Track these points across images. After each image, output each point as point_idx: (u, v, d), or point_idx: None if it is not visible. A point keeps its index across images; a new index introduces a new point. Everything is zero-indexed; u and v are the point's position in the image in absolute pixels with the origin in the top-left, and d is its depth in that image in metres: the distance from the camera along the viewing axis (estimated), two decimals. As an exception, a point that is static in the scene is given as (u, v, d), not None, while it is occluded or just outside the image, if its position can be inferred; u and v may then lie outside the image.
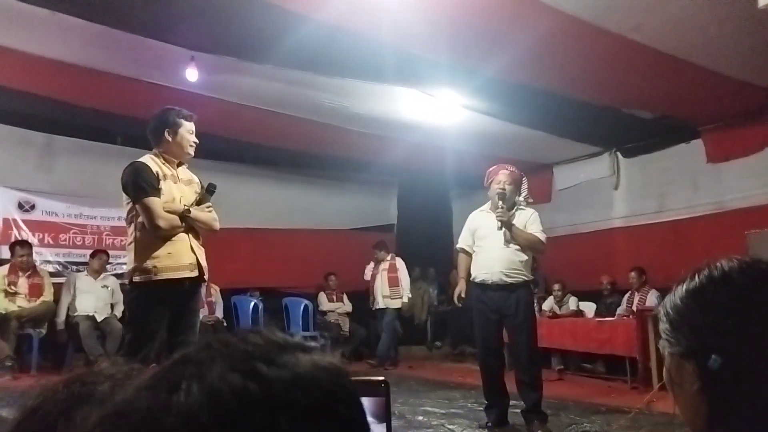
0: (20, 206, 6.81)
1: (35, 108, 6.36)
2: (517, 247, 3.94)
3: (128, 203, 3.01)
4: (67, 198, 7.02)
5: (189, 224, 3.02)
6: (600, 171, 7.59)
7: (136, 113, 6.34)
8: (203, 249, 3.12)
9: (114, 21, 4.41)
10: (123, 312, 6.52)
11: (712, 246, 5.82)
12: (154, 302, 2.91)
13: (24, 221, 6.78)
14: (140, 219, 2.93)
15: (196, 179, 3.21)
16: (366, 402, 0.81)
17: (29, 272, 6.18)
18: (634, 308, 6.32)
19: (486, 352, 4.04)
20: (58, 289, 6.36)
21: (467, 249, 4.17)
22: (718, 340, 0.73)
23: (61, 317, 6.23)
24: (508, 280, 3.91)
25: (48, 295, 6.22)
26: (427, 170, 8.40)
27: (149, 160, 3.03)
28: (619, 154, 7.44)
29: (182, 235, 2.99)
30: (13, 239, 6.49)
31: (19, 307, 5.96)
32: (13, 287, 6.01)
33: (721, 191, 6.34)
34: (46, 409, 0.67)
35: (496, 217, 3.93)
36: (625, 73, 5.09)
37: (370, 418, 0.80)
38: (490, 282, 3.94)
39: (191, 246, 3.02)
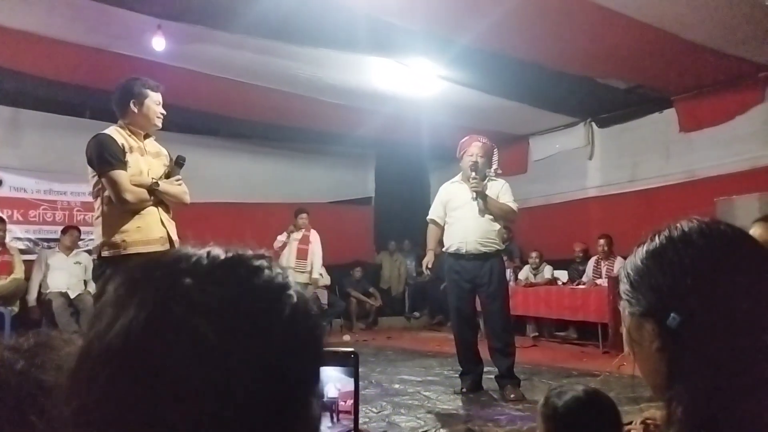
0: (-13, 182, 6.64)
1: (-1, 81, 6.15)
2: (491, 217, 4.01)
3: (94, 176, 2.91)
4: (35, 173, 6.86)
5: (158, 198, 2.94)
6: (575, 141, 7.65)
7: (103, 85, 6.16)
8: (174, 223, 3.07)
9: (76, -12, 4.26)
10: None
11: (682, 214, 5.78)
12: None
13: (-8, 198, 6.63)
14: (107, 193, 2.85)
15: (165, 152, 3.12)
16: (336, 371, 0.82)
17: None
18: (603, 275, 6.45)
19: (460, 321, 4.11)
20: (29, 266, 6.25)
21: (438, 220, 4.22)
22: (677, 298, 0.74)
23: (33, 294, 6.13)
24: (483, 249, 3.98)
25: (19, 273, 6.11)
26: (404, 142, 8.38)
27: (114, 132, 2.93)
28: (593, 124, 7.49)
29: (151, 209, 2.91)
30: (-20, 216, 6.34)
31: (-11, 284, 5.86)
32: (-19, 265, 5.90)
33: (692, 160, 6.44)
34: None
35: (471, 187, 3.98)
36: (599, 42, 5.09)
37: (340, 374, 0.81)
38: (464, 251, 4.00)
39: (161, 219, 2.95)
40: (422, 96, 6.26)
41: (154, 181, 2.92)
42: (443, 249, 4.16)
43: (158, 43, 4.84)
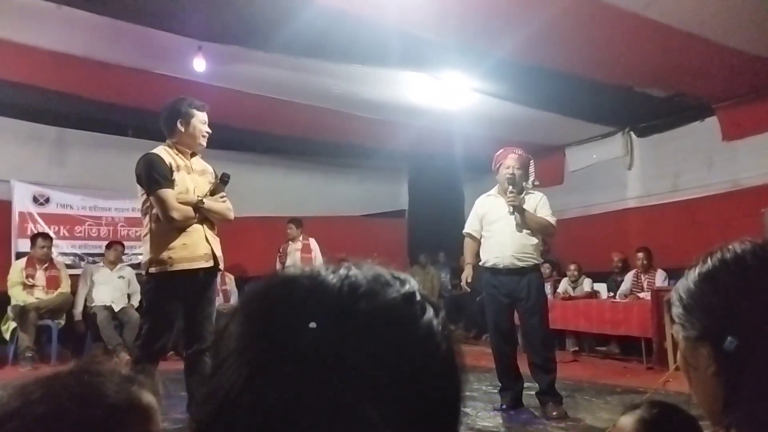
0: (35, 200, 6.89)
1: (45, 102, 6.40)
2: (528, 231, 3.94)
3: (143, 195, 3.03)
4: (80, 191, 7.09)
5: (203, 215, 3.02)
6: (613, 151, 7.51)
7: (145, 104, 6.37)
8: (218, 239, 3.13)
9: (120, 12, 4.41)
10: (140, 302, 6.62)
11: (727, 225, 5.75)
12: (170, 293, 2.93)
13: (39, 214, 6.87)
14: (155, 210, 2.95)
15: (210, 169, 3.21)
16: None
17: (47, 264, 6.26)
18: (645, 288, 6.29)
19: (498, 336, 4.05)
20: (74, 280, 6.45)
21: (474, 234, 4.17)
22: (733, 322, 0.72)
23: (79, 308, 6.32)
24: (519, 264, 3.92)
25: (65, 287, 6.31)
26: (437, 155, 8.36)
27: (162, 151, 3.04)
28: (632, 133, 7.34)
29: (197, 226, 3.00)
30: (29, 233, 6.58)
31: (37, 299, 6.05)
32: (31, 279, 6.10)
33: (736, 169, 6.25)
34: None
35: (508, 201, 3.92)
36: (636, 51, 5.00)
37: None
38: (501, 266, 3.94)
39: (206, 236, 3.03)
40: (455, 109, 6.25)
41: (199, 198, 3.00)
42: (480, 263, 4.11)
43: (199, 64, 4.96)
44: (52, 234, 6.67)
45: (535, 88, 5.78)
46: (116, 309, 6.29)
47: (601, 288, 6.93)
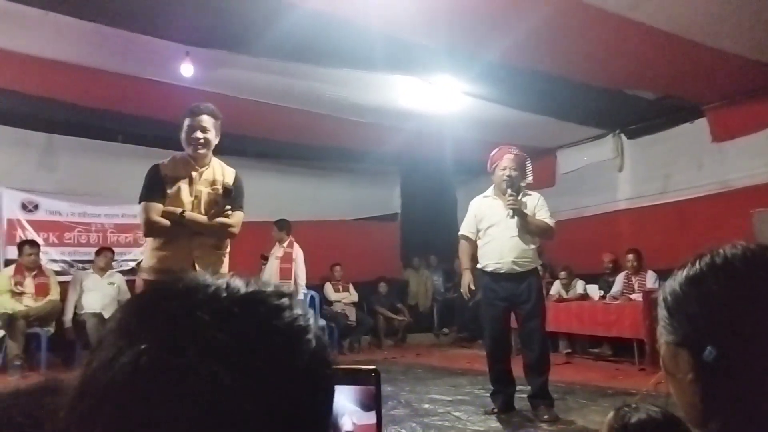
0: (24, 207, 6.84)
1: (34, 108, 6.35)
2: (528, 234, 3.89)
3: None
4: (70, 197, 7.04)
5: (192, 229, 2.92)
6: (604, 153, 7.53)
7: (134, 110, 6.35)
8: (220, 252, 3.00)
9: (107, 18, 4.38)
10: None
11: (716, 226, 5.77)
12: None
13: (28, 221, 6.82)
14: None
15: (224, 179, 3.05)
16: (355, 391, 0.80)
17: (35, 272, 6.21)
18: (636, 289, 6.30)
19: (493, 340, 4.03)
20: (64, 287, 6.40)
21: (470, 236, 4.11)
22: (714, 331, 0.70)
23: (68, 315, 6.27)
24: (519, 269, 3.88)
25: (54, 294, 6.26)
26: (429, 158, 8.36)
27: (169, 160, 3.02)
28: (622, 135, 7.37)
29: (181, 239, 2.92)
30: (18, 240, 6.53)
31: (26, 306, 6.00)
32: (19, 287, 6.05)
33: (725, 170, 6.27)
34: None
35: (508, 205, 3.84)
36: (625, 54, 5.02)
37: (356, 407, 0.79)
38: (502, 272, 3.89)
39: (190, 251, 2.93)
40: (446, 112, 6.26)
41: (182, 211, 2.92)
42: (478, 266, 4.04)
43: (187, 69, 4.94)
44: (40, 241, 6.62)
45: (526, 91, 5.79)
46: (106, 316, 6.22)
47: (593, 289, 6.94)
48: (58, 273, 6.61)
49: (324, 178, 8.74)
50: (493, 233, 3.93)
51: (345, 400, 0.75)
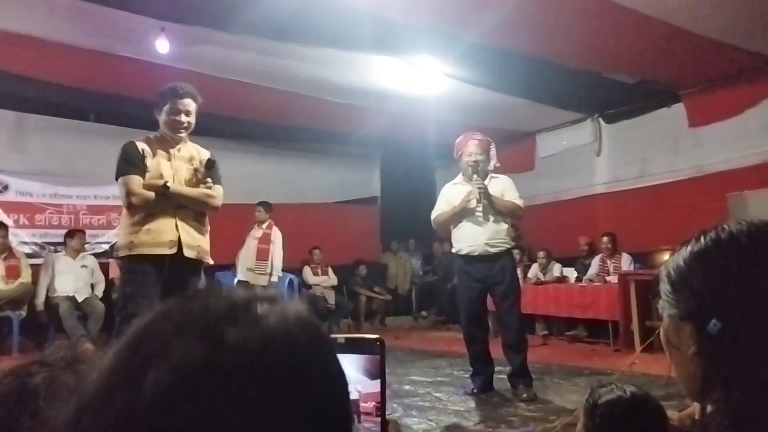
0: (-7, 187, 6.64)
1: (3, 86, 6.12)
2: (498, 216, 3.96)
3: None
4: (41, 177, 6.85)
5: (177, 202, 2.91)
6: (582, 137, 7.59)
7: (107, 88, 6.18)
8: (203, 228, 3.01)
9: (79, -9, 4.23)
10: (104, 291, 6.45)
11: (692, 210, 5.86)
12: (139, 279, 2.84)
13: (-2, 202, 6.63)
14: None
15: (200, 156, 3.08)
16: (361, 359, 0.80)
17: (5, 254, 6.06)
18: (611, 272, 6.39)
19: (470, 322, 4.06)
20: (35, 270, 6.25)
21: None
22: (720, 304, 0.71)
23: (41, 298, 6.12)
24: (493, 250, 3.94)
25: (26, 277, 6.11)
26: (409, 141, 8.34)
27: (142, 137, 3.00)
28: (601, 120, 7.43)
29: (167, 213, 2.90)
30: (-14, 221, 6.34)
31: (-4, 289, 5.85)
32: (-11, 270, 5.89)
33: (701, 155, 6.37)
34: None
35: (476, 188, 3.90)
36: (605, 37, 5.03)
37: (362, 375, 0.79)
38: (475, 254, 3.96)
39: (176, 224, 2.92)
40: (427, 94, 6.22)
41: (164, 183, 2.89)
42: (453, 250, 4.10)
43: (162, 46, 4.81)
44: (10, 223, 6.44)
45: (506, 73, 5.78)
46: (79, 299, 6.12)
47: (569, 272, 7.02)
48: (29, 255, 6.45)
49: (303, 160, 8.66)
50: (465, 217, 3.98)
51: (351, 368, 0.75)
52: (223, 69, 5.68)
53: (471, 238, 3.96)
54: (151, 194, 2.87)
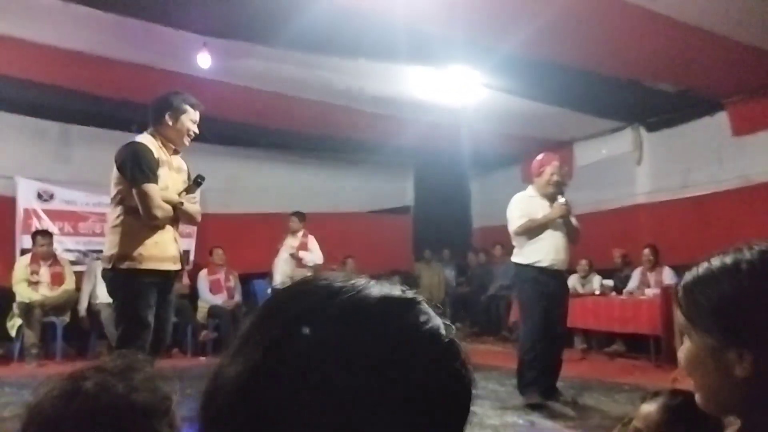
0: (39, 196, 6.87)
1: (50, 98, 6.37)
2: (567, 235, 4.12)
3: (118, 184, 2.85)
4: (85, 187, 7.05)
5: (175, 216, 2.91)
6: (622, 146, 7.42)
7: (149, 101, 6.34)
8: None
9: (124, 8, 4.37)
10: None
11: (737, 221, 5.68)
12: (142, 291, 2.77)
13: (44, 211, 6.85)
14: (131, 203, 2.79)
15: (185, 168, 3.07)
16: None
17: (50, 261, 6.25)
18: (652, 285, 6.22)
19: (546, 334, 4.02)
20: (79, 277, 6.43)
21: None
22: (757, 332, 0.75)
23: (83, 305, 6.30)
24: (564, 266, 4.15)
25: (70, 284, 6.29)
26: (443, 151, 8.30)
27: (149, 142, 2.88)
28: (641, 128, 7.26)
29: (168, 226, 2.89)
30: (33, 229, 6.56)
31: (42, 295, 6.03)
32: (35, 276, 6.08)
33: (746, 165, 6.17)
34: (43, 407, 0.78)
35: (564, 209, 4.04)
36: (645, 45, 4.94)
37: None
38: (555, 268, 4.05)
39: (174, 237, 2.94)
40: (463, 104, 6.19)
41: (180, 200, 2.91)
42: (524, 261, 4.08)
43: (203, 60, 4.92)
44: (55, 230, 6.65)
45: (543, 82, 5.72)
46: (121, 306, 6.26)
47: (608, 284, 6.86)
48: (73, 263, 6.64)
49: (337, 170, 8.71)
50: (548, 231, 4.06)
51: None
52: (262, 81, 5.79)
53: (553, 252, 4.04)
54: (171, 209, 2.85)
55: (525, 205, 4.16)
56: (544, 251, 4.05)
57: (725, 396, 0.79)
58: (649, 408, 1.27)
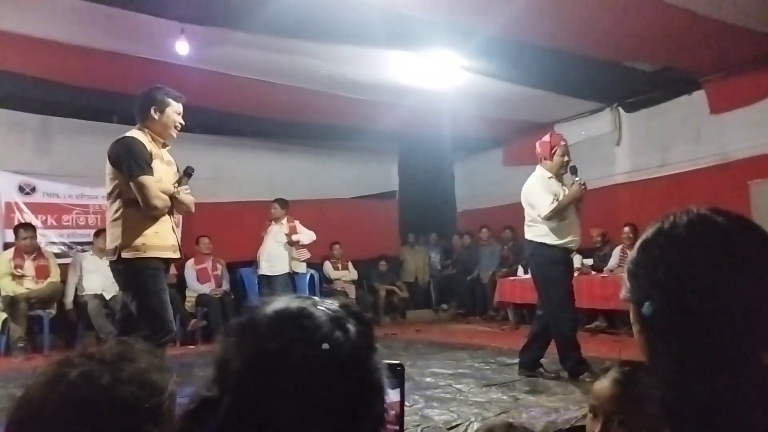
0: (21, 189, 6.81)
1: (29, 90, 6.28)
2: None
3: (113, 178, 2.92)
4: (67, 179, 7.01)
5: (171, 206, 3.02)
6: (602, 127, 7.51)
7: (129, 90, 6.21)
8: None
9: (101, -4, 4.32)
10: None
11: (714, 198, 5.77)
12: (152, 274, 2.90)
13: (26, 204, 6.79)
14: (129, 196, 2.89)
15: (174, 161, 3.19)
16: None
17: (34, 254, 6.21)
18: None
19: (573, 311, 4.19)
20: (64, 269, 6.41)
21: None
22: (653, 289, 0.77)
23: (69, 297, 6.29)
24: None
25: (55, 276, 6.27)
26: (427, 135, 8.33)
27: (141, 136, 2.97)
28: (620, 109, 7.35)
29: (166, 216, 2.98)
30: (16, 222, 6.51)
31: (27, 289, 6.01)
32: (19, 270, 6.05)
33: (724, 142, 6.28)
34: (32, 395, 0.76)
35: (581, 190, 4.14)
36: (624, 25, 4.98)
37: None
38: (576, 247, 4.24)
39: (172, 227, 3.04)
40: (444, 88, 6.22)
41: (176, 189, 2.98)
42: (553, 242, 4.11)
43: (182, 47, 4.89)
44: (38, 223, 6.61)
45: (524, 65, 5.76)
46: (107, 297, 6.26)
47: (588, 263, 6.98)
48: (57, 255, 6.61)
49: (321, 156, 8.72)
50: (569, 211, 4.15)
51: None
52: (242, 68, 5.76)
53: (576, 232, 4.17)
54: (169, 199, 2.96)
55: (551, 185, 4.20)
56: (567, 230, 4.14)
57: (642, 353, 0.83)
58: (601, 384, 1.32)
